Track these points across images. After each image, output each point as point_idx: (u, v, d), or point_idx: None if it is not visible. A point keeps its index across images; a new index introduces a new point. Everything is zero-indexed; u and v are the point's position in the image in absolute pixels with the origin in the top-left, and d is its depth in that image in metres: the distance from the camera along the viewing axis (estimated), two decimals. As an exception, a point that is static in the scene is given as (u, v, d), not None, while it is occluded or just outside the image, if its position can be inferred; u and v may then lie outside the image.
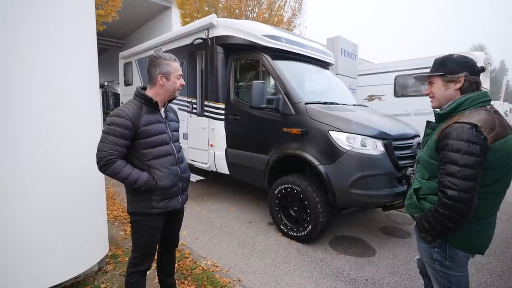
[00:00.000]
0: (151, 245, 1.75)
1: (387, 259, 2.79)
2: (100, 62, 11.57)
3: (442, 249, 1.34)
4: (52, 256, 1.95)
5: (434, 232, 1.28)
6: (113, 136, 1.51)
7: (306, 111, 3.08)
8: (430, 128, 1.43)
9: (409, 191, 1.50)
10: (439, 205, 1.23)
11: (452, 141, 1.20)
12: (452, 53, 1.39)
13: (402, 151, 2.94)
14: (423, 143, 1.46)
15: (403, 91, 7.58)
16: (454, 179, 1.17)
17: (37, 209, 1.86)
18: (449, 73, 1.33)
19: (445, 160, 1.21)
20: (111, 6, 6.02)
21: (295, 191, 3.06)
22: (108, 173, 1.53)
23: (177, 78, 1.69)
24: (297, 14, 9.22)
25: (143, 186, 1.56)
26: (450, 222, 1.21)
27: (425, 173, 1.38)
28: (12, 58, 1.71)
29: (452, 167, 1.18)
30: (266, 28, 3.78)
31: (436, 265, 1.38)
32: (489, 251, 2.93)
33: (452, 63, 1.33)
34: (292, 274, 2.53)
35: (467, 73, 1.31)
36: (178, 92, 1.75)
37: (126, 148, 1.57)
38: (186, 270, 2.52)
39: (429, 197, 1.34)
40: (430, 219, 1.27)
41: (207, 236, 3.25)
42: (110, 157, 1.50)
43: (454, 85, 1.33)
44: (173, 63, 1.66)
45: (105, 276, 2.36)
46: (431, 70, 1.41)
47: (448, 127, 1.24)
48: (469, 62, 1.33)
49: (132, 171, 1.55)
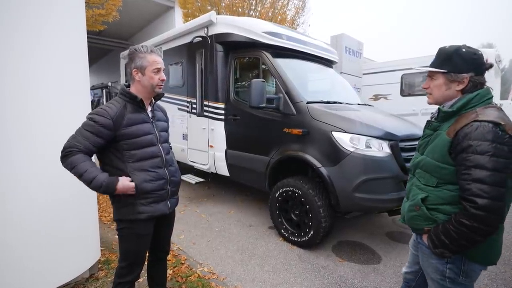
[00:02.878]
0: (139, 254, 1.64)
1: (393, 267, 2.64)
2: (105, 63, 11.74)
3: (456, 265, 1.19)
4: (40, 262, 1.86)
5: (456, 247, 1.12)
6: (87, 131, 1.41)
7: (307, 110, 2.95)
8: (430, 129, 1.28)
9: (409, 201, 1.33)
10: (465, 216, 1.06)
11: (475, 142, 1.05)
12: (462, 45, 1.21)
13: (409, 153, 2.78)
14: (422, 145, 1.31)
15: (410, 90, 7.37)
16: (484, 186, 1.02)
17: (23, 212, 1.77)
18: (454, 72, 1.17)
19: (469, 164, 1.06)
20: (111, 5, 5.97)
21: (296, 194, 2.93)
22: (66, 165, 1.40)
23: (153, 72, 1.51)
24: (301, 12, 9.07)
25: (100, 188, 1.39)
26: (479, 235, 1.06)
27: (430, 180, 1.22)
28: (6, 60, 1.66)
29: (480, 172, 1.03)
30: (266, 25, 3.66)
31: (446, 282, 1.23)
32: (502, 259, 2.76)
33: (459, 59, 1.17)
34: (292, 282, 2.40)
35: (473, 73, 1.16)
36: (159, 88, 1.57)
37: (97, 147, 1.44)
38: (181, 277, 2.41)
39: (441, 208, 1.18)
40: (452, 233, 1.10)
41: (205, 241, 3.14)
42: (71, 148, 1.38)
43: (457, 86, 1.19)
44: (149, 56, 1.51)
45: (96, 283, 2.27)
46: (434, 62, 1.25)
47: (465, 127, 1.09)
48: (477, 59, 1.17)
49: (88, 168, 1.38)
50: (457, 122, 1.15)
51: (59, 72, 1.93)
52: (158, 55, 1.56)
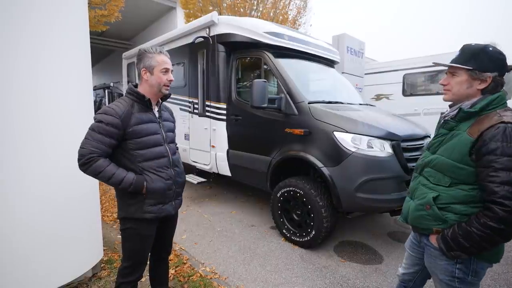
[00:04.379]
0: (142, 254, 1.65)
1: (395, 267, 2.63)
2: (107, 64, 11.79)
3: (465, 264, 1.20)
4: (43, 262, 1.87)
5: (477, 249, 1.10)
6: (98, 133, 1.41)
7: (309, 110, 2.95)
8: (446, 128, 1.25)
9: (416, 200, 1.32)
10: (493, 219, 1.04)
11: (503, 143, 1.04)
12: (487, 43, 1.20)
13: (411, 153, 2.77)
14: (434, 144, 1.30)
15: (412, 90, 7.34)
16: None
17: (27, 212, 1.78)
18: (479, 70, 1.15)
19: (498, 166, 1.04)
20: (113, 6, 5.99)
21: (298, 194, 2.93)
22: (89, 172, 1.42)
23: (162, 72, 1.54)
24: (302, 13, 9.06)
25: (129, 187, 1.45)
26: (503, 237, 1.06)
27: (442, 179, 1.21)
28: (13, 62, 1.68)
29: (509, 174, 1.03)
30: (268, 25, 3.66)
31: (456, 283, 1.22)
32: (504, 260, 2.75)
33: (486, 58, 1.15)
34: (294, 282, 2.40)
35: (497, 73, 1.15)
36: (166, 89, 1.58)
37: (112, 148, 1.46)
38: (183, 277, 2.41)
39: (452, 207, 1.18)
40: (475, 236, 1.08)
41: (207, 241, 3.15)
42: (92, 155, 1.40)
43: (478, 84, 1.17)
44: (158, 56, 1.53)
45: (98, 282, 2.28)
46: (457, 58, 1.22)
47: (491, 128, 1.08)
48: (503, 60, 1.16)
49: (116, 171, 1.43)
50: (479, 123, 1.13)
51: (62, 72, 1.94)
52: (167, 56, 1.58)
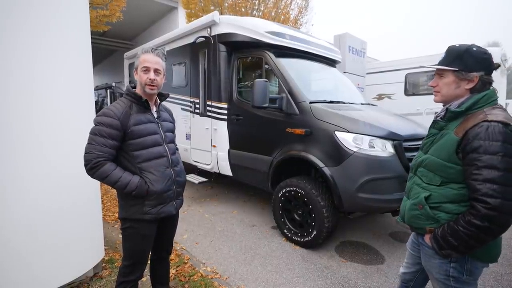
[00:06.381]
0: (143, 254, 1.65)
1: (397, 267, 2.62)
2: (109, 64, 11.82)
3: (459, 263, 1.20)
4: (45, 261, 1.88)
5: (465, 248, 1.11)
6: (100, 136, 1.42)
7: (310, 110, 2.94)
8: (436, 128, 1.28)
9: (410, 199, 1.33)
10: (476, 217, 1.05)
11: (485, 142, 1.05)
12: (471, 44, 1.21)
13: (413, 153, 2.75)
14: (426, 144, 1.32)
15: (414, 89, 7.31)
16: (496, 186, 1.02)
17: (29, 212, 1.78)
18: (465, 70, 1.17)
19: (480, 164, 1.05)
20: (115, 6, 6.00)
21: (299, 194, 2.92)
22: (96, 176, 1.45)
23: (142, 71, 1.52)
24: (304, 12, 9.05)
25: (134, 191, 1.47)
26: (490, 235, 1.06)
27: (433, 178, 1.22)
28: (10, 61, 1.68)
29: (491, 172, 1.03)
30: (269, 25, 3.65)
31: (450, 281, 1.23)
32: (507, 261, 2.73)
33: (471, 58, 1.17)
34: (295, 282, 2.40)
35: (484, 72, 1.16)
36: (150, 88, 1.53)
37: (115, 149, 1.48)
38: (184, 276, 2.41)
39: (443, 206, 1.19)
40: (461, 234, 1.09)
41: (208, 241, 3.15)
42: (98, 159, 1.41)
43: (466, 84, 1.19)
44: (142, 55, 1.53)
45: (100, 282, 2.28)
46: (443, 60, 1.24)
47: (475, 127, 1.09)
48: (488, 59, 1.17)
49: (122, 175, 1.45)
50: (465, 121, 1.14)
51: (63, 73, 1.94)
52: (154, 55, 1.54)
